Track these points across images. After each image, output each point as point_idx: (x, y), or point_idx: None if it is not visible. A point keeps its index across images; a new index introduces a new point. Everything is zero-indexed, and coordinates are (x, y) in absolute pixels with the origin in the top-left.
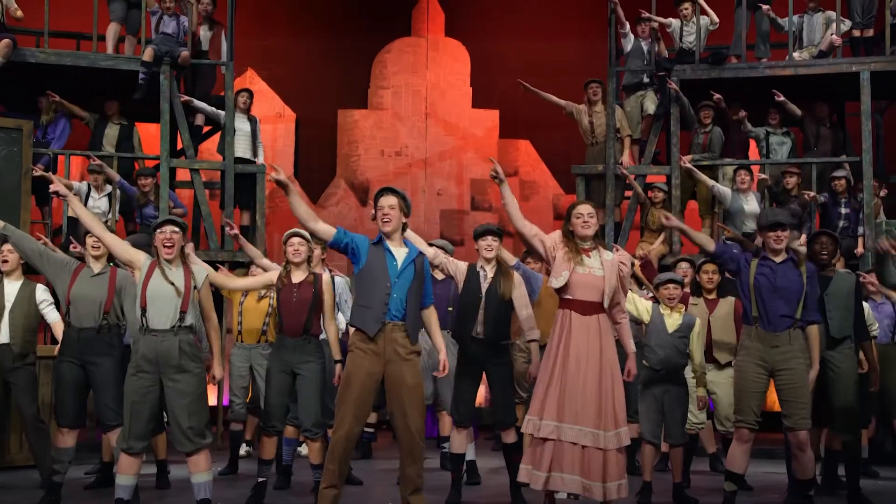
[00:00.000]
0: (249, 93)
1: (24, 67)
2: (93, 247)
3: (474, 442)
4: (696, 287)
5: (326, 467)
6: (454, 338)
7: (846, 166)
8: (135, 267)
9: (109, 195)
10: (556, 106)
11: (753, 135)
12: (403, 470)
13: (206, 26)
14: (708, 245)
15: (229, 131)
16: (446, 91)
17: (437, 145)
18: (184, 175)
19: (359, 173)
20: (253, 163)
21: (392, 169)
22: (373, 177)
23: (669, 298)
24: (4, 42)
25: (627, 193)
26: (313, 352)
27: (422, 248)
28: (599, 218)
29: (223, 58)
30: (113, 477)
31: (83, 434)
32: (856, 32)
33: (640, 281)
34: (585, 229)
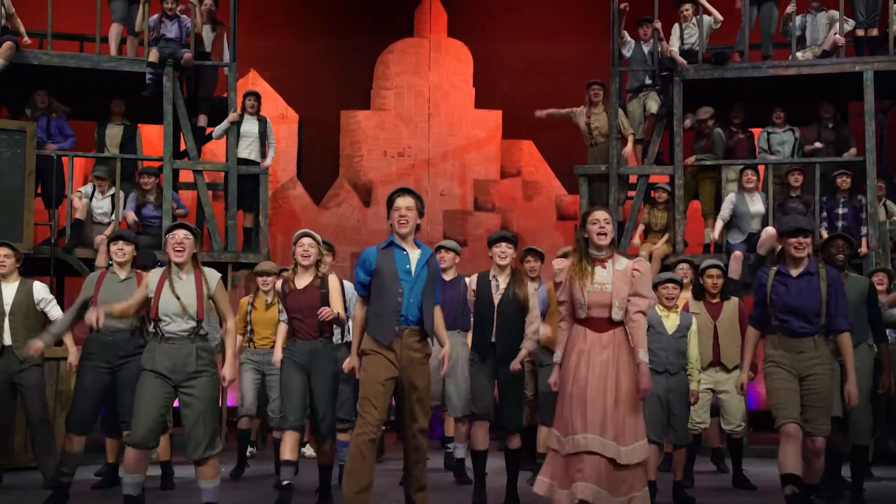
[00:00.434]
0: (257, 95)
1: (28, 69)
2: (117, 254)
3: (467, 442)
4: (699, 290)
5: (352, 470)
6: (474, 349)
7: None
8: (149, 292)
9: (112, 196)
10: (564, 118)
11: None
12: (408, 469)
13: (209, 27)
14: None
15: (232, 132)
16: (449, 92)
17: (439, 146)
18: (187, 176)
19: (362, 174)
20: (256, 164)
21: (395, 170)
22: (376, 178)
23: (668, 298)
24: (7, 44)
25: (630, 193)
26: (327, 354)
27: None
28: None
29: (226, 59)
30: (119, 477)
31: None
32: (859, 32)
33: None
34: (601, 236)
